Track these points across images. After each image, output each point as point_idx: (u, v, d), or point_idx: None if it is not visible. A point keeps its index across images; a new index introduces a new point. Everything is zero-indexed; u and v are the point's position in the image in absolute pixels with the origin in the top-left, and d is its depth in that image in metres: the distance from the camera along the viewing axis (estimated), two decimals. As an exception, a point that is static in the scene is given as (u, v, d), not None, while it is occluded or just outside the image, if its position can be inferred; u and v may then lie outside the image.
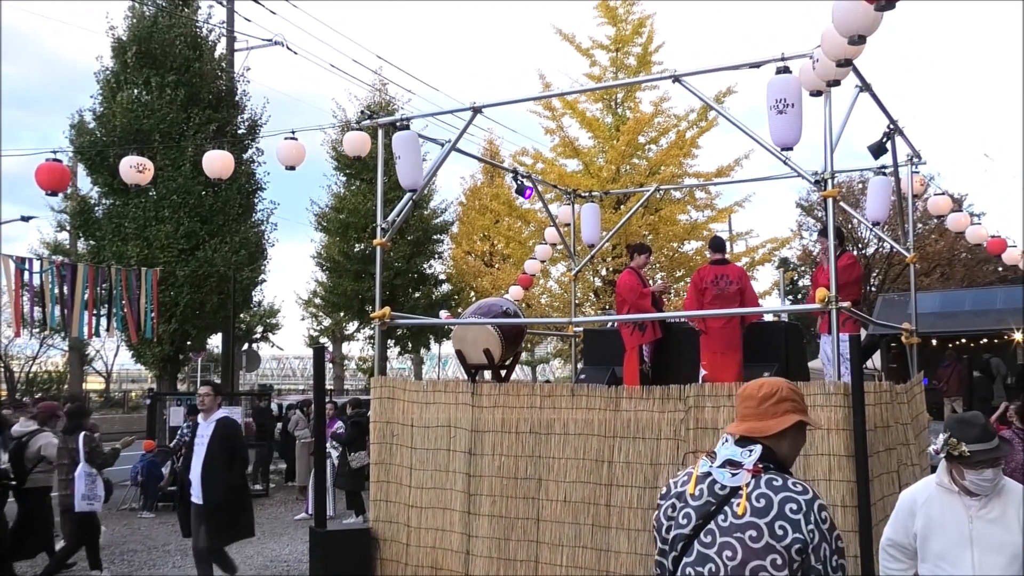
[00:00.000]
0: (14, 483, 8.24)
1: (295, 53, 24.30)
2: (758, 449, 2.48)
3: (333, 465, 11.35)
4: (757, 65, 6.52)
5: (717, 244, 8.94)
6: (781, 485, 2.42)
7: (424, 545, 7.31)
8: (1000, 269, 27.63)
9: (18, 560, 8.29)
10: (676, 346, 8.99)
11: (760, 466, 2.45)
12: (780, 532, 2.33)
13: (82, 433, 8.46)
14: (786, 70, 6.20)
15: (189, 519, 7.36)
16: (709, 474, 2.50)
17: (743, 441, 2.52)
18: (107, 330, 13.04)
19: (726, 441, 2.56)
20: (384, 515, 7.60)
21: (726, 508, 2.42)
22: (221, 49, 20.02)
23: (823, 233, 8.07)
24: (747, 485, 2.42)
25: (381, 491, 7.66)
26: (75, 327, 12.29)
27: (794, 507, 2.37)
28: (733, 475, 2.45)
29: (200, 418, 7.50)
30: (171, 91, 17.75)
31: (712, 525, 2.42)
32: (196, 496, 7.13)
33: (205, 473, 7.06)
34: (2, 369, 36.55)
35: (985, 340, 17.67)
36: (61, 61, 79.97)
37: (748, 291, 8.49)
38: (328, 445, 11.00)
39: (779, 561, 2.32)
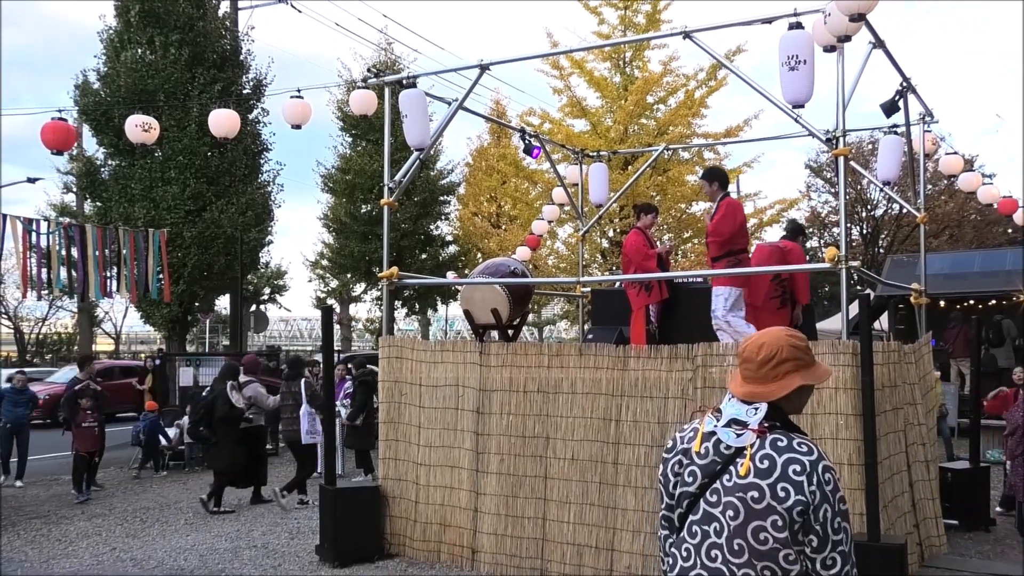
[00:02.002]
0: (251, 423, 10.16)
1: (299, 12, 24.06)
2: (763, 408, 2.43)
3: (342, 424, 11.44)
4: (769, 21, 6.42)
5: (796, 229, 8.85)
6: (786, 445, 2.38)
7: (433, 502, 7.39)
8: (1010, 231, 27.45)
9: (239, 488, 10.04)
10: (683, 307, 8.98)
11: (766, 425, 2.41)
12: (782, 494, 2.31)
13: (303, 379, 10.12)
14: (799, 26, 6.11)
15: None
16: (714, 433, 2.46)
17: (744, 399, 2.48)
18: (118, 291, 13.08)
19: (731, 397, 2.51)
20: (393, 473, 7.68)
21: (730, 468, 2.40)
22: (225, 7, 19.81)
23: (704, 176, 8.03)
24: (751, 445, 2.38)
25: (390, 449, 7.73)
26: (92, 290, 12.33)
27: (797, 468, 2.33)
28: (738, 435, 2.41)
29: None
30: (175, 50, 17.62)
31: (717, 484, 2.40)
32: None
33: None
34: (13, 331, 36.81)
35: (993, 302, 17.59)
36: (63, 23, 79.31)
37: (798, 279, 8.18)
38: (338, 404, 11.07)
39: (779, 523, 2.30)
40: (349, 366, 12.73)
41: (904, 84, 8.08)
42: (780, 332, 2.56)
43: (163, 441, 13.02)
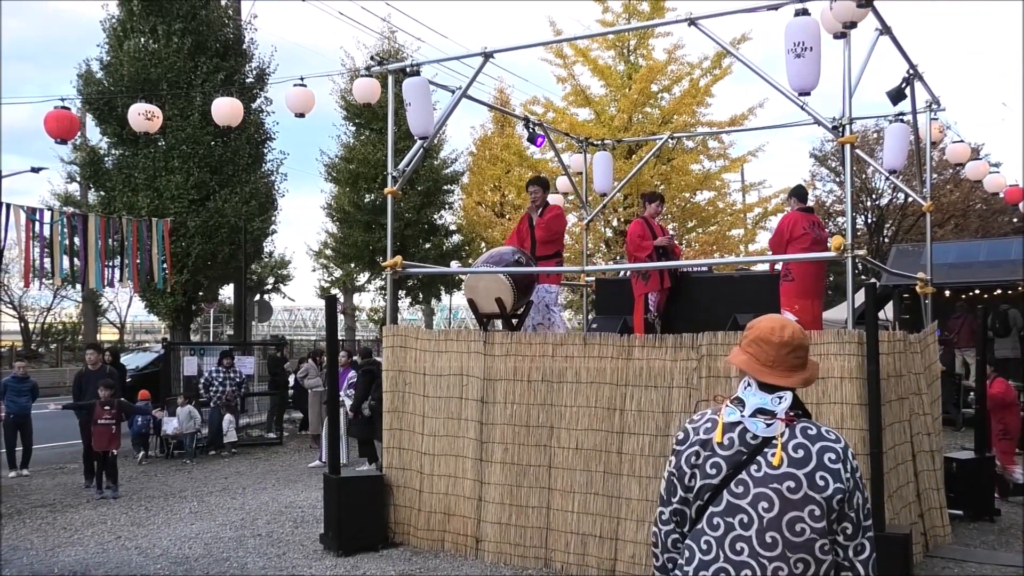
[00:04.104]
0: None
1: (303, 0, 23.99)
2: (789, 396, 2.42)
3: (346, 414, 11.44)
4: (775, 7, 6.37)
5: (804, 193, 8.62)
6: (816, 434, 2.37)
7: (437, 492, 7.39)
8: (1015, 220, 27.33)
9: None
10: (688, 296, 8.96)
11: (791, 414, 2.40)
12: (821, 483, 2.30)
13: None
14: (805, 12, 6.06)
15: None
16: (739, 423, 2.42)
17: (767, 387, 2.44)
18: (120, 281, 13.08)
19: (748, 386, 2.48)
20: (397, 462, 7.68)
21: (759, 458, 2.36)
22: (227, -4, 19.74)
23: (537, 183, 9.03)
24: (782, 435, 2.36)
25: (394, 439, 7.73)
26: (92, 278, 12.33)
27: (832, 456, 2.33)
28: (768, 425, 2.38)
29: None
30: (178, 39, 17.56)
31: (744, 475, 2.36)
32: None
33: None
34: (17, 320, 36.88)
35: (999, 291, 17.53)
36: (66, 13, 79.17)
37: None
38: (342, 394, 11.06)
39: (817, 512, 2.29)
40: (355, 358, 12.69)
41: (911, 71, 8.03)
42: (786, 318, 2.58)
43: (166, 430, 13.07)
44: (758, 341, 2.51)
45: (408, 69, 7.80)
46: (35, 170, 23.47)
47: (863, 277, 21.70)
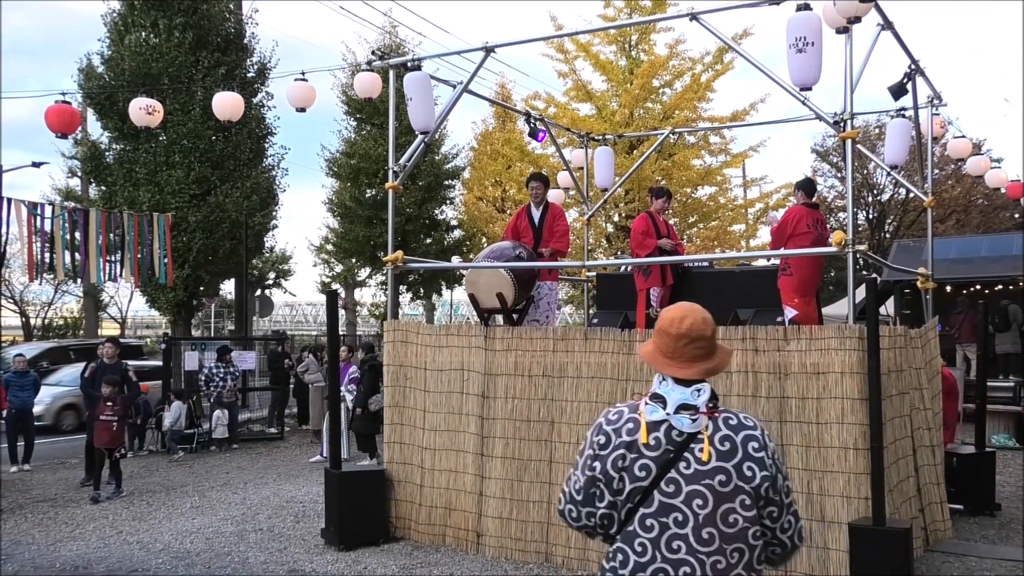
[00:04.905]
0: None
1: (303, -5, 23.92)
2: (707, 388, 2.40)
3: (347, 408, 11.45)
4: (777, 2, 6.36)
5: (811, 187, 8.38)
6: (737, 423, 2.37)
7: (438, 486, 7.40)
8: (1016, 216, 27.30)
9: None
10: (689, 291, 8.95)
11: (711, 405, 2.39)
12: (748, 473, 2.31)
13: None
14: (807, 7, 6.06)
15: None
16: (663, 421, 2.37)
17: (683, 381, 2.41)
18: (121, 275, 13.09)
19: (664, 380, 2.43)
20: (398, 457, 7.69)
21: (686, 455, 2.33)
22: (229, -10, 19.67)
23: (539, 179, 8.99)
24: (706, 428, 2.35)
25: (395, 433, 7.74)
26: (92, 273, 12.34)
27: (756, 445, 2.34)
28: (693, 420, 2.35)
29: None
30: (179, 34, 17.53)
31: (674, 474, 2.33)
32: None
33: None
34: (18, 315, 36.90)
35: (1000, 287, 17.51)
36: (66, 8, 79.04)
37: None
38: (343, 389, 11.07)
39: (748, 502, 2.31)
40: (359, 354, 12.70)
41: (912, 67, 8.02)
42: (689, 304, 2.57)
43: (166, 425, 13.12)
44: (660, 332, 2.50)
45: (409, 64, 7.80)
46: (36, 165, 23.38)
47: (864, 272, 21.71)
